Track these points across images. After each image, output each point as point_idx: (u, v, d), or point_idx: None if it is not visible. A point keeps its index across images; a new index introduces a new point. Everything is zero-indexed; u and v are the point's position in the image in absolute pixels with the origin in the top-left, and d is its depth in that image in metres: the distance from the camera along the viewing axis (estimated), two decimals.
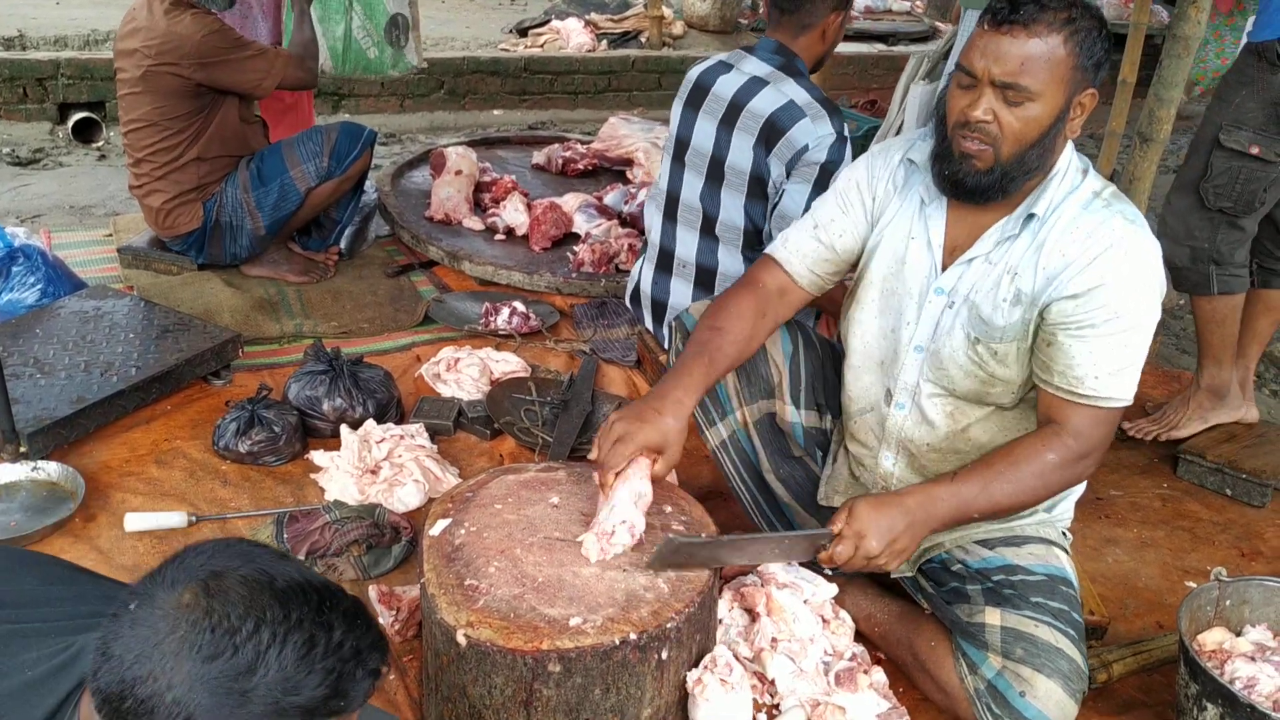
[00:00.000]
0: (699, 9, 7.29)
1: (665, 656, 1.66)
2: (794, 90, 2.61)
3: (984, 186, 1.76)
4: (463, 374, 2.93)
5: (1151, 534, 2.60)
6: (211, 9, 3.20)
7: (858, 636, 2.02)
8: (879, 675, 1.91)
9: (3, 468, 2.39)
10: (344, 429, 2.56)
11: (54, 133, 5.17)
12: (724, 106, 2.70)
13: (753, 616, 1.94)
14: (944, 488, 1.79)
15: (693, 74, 2.83)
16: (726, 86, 2.71)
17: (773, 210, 2.67)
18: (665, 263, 2.95)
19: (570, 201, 3.99)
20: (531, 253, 3.75)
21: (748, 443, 2.18)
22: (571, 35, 6.62)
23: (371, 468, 2.48)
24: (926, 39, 7.50)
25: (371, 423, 2.61)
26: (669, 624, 1.63)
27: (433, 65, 5.90)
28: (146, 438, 2.62)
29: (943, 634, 1.92)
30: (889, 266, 1.94)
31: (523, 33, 6.83)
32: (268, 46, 3.29)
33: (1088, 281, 1.73)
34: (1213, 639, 2.00)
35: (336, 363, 2.72)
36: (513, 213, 3.88)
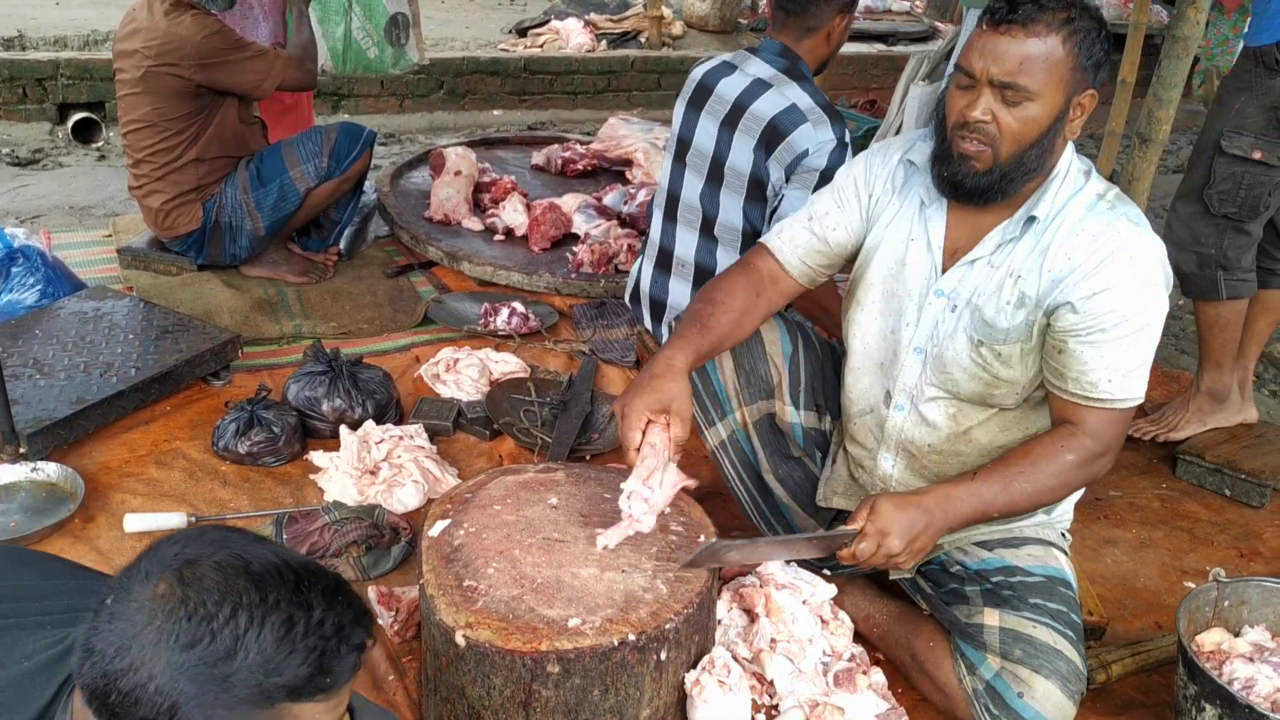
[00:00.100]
0: (698, 9, 7.28)
1: (664, 657, 1.66)
2: (797, 94, 2.61)
3: (983, 187, 1.76)
4: (462, 374, 2.93)
5: (1150, 534, 2.60)
6: (212, 10, 3.20)
7: (856, 637, 2.02)
8: (878, 676, 1.92)
9: (2, 468, 2.39)
10: (343, 430, 2.57)
11: (54, 133, 5.17)
12: (727, 108, 2.70)
13: (752, 617, 1.94)
14: (963, 487, 1.78)
15: (696, 73, 2.83)
16: (730, 88, 2.71)
17: (772, 214, 2.67)
18: (664, 261, 2.96)
19: (569, 202, 3.99)
20: (531, 253, 3.75)
21: (747, 443, 2.18)
22: (571, 35, 6.62)
23: (371, 468, 2.48)
24: (926, 39, 7.51)
25: (371, 423, 2.61)
26: (667, 625, 1.64)
27: (432, 65, 5.90)
28: (146, 438, 2.62)
29: (941, 635, 1.93)
30: (889, 268, 1.94)
31: (522, 33, 6.83)
32: (267, 48, 3.29)
33: (1094, 286, 1.72)
34: (1211, 640, 2.00)
35: (336, 363, 2.72)
36: (512, 213, 3.88)
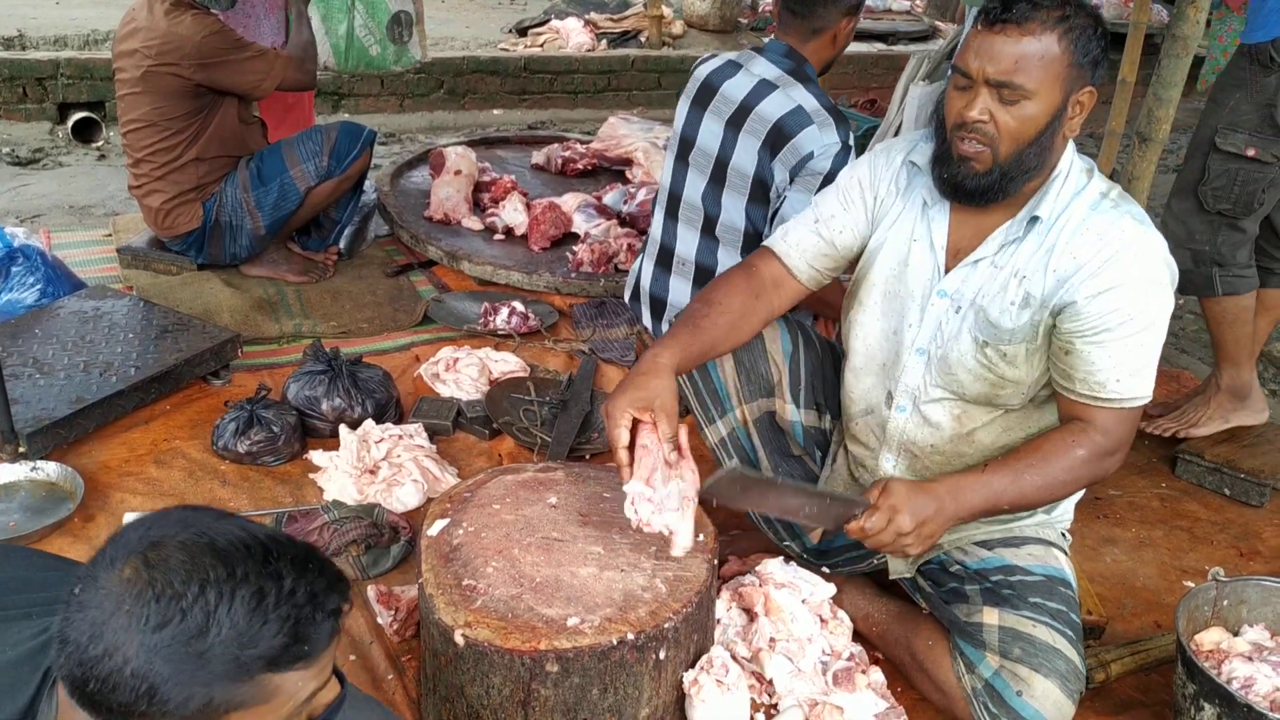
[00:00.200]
0: (699, 8, 7.28)
1: (663, 656, 1.66)
2: (802, 96, 2.60)
3: (983, 188, 1.76)
4: (461, 374, 2.93)
5: (1150, 534, 2.60)
6: (213, 9, 3.20)
7: (856, 636, 2.02)
8: (877, 675, 1.92)
9: (2, 468, 2.39)
10: (343, 429, 2.57)
11: (54, 133, 5.17)
12: (732, 108, 2.69)
13: (751, 616, 1.94)
14: (973, 478, 1.78)
15: (701, 72, 2.82)
16: (736, 88, 2.70)
17: (773, 216, 2.67)
18: (665, 260, 2.95)
19: (569, 201, 3.99)
20: (530, 253, 3.75)
21: (747, 441, 2.17)
22: (571, 35, 6.62)
23: (370, 468, 2.48)
24: (926, 38, 7.50)
25: (370, 423, 2.61)
26: (666, 624, 1.64)
27: (432, 65, 5.90)
28: (145, 438, 2.62)
29: (940, 633, 1.93)
30: (891, 269, 1.93)
31: (522, 32, 6.83)
32: (267, 48, 3.28)
33: (1100, 285, 1.72)
34: (1210, 639, 2.00)
35: (335, 363, 2.72)
36: (512, 212, 3.88)
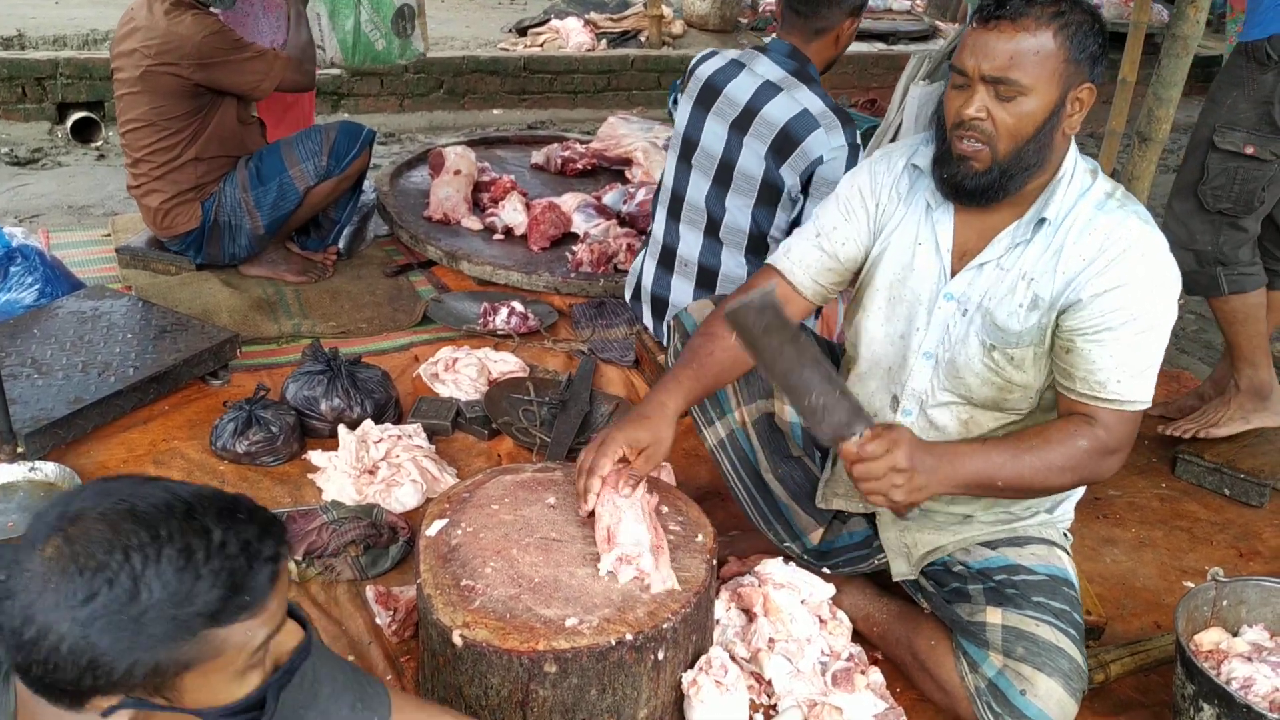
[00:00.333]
0: (699, 8, 7.27)
1: (661, 657, 1.66)
2: (808, 98, 2.59)
3: (984, 187, 1.75)
4: (461, 374, 2.93)
5: (1149, 534, 2.60)
6: (213, 9, 3.20)
7: (855, 637, 2.02)
8: (876, 675, 1.92)
9: (0, 468, 2.39)
10: (342, 429, 2.56)
11: (53, 132, 5.17)
12: (737, 110, 2.68)
13: (750, 617, 1.94)
14: (973, 448, 1.77)
15: (703, 71, 2.79)
16: (740, 90, 2.68)
17: (792, 226, 2.67)
18: (667, 260, 2.94)
19: (569, 201, 3.99)
20: (530, 252, 3.75)
21: (746, 442, 2.17)
22: (571, 34, 6.61)
23: (369, 468, 2.48)
24: (926, 38, 7.49)
25: (369, 423, 2.61)
26: (665, 624, 1.64)
27: (432, 64, 5.89)
28: (144, 438, 2.62)
29: (942, 633, 1.92)
30: (895, 273, 1.92)
31: (522, 32, 6.82)
32: (267, 49, 3.28)
33: (1105, 283, 1.72)
34: (1210, 639, 2.00)
35: (334, 363, 2.72)
36: (511, 212, 3.88)
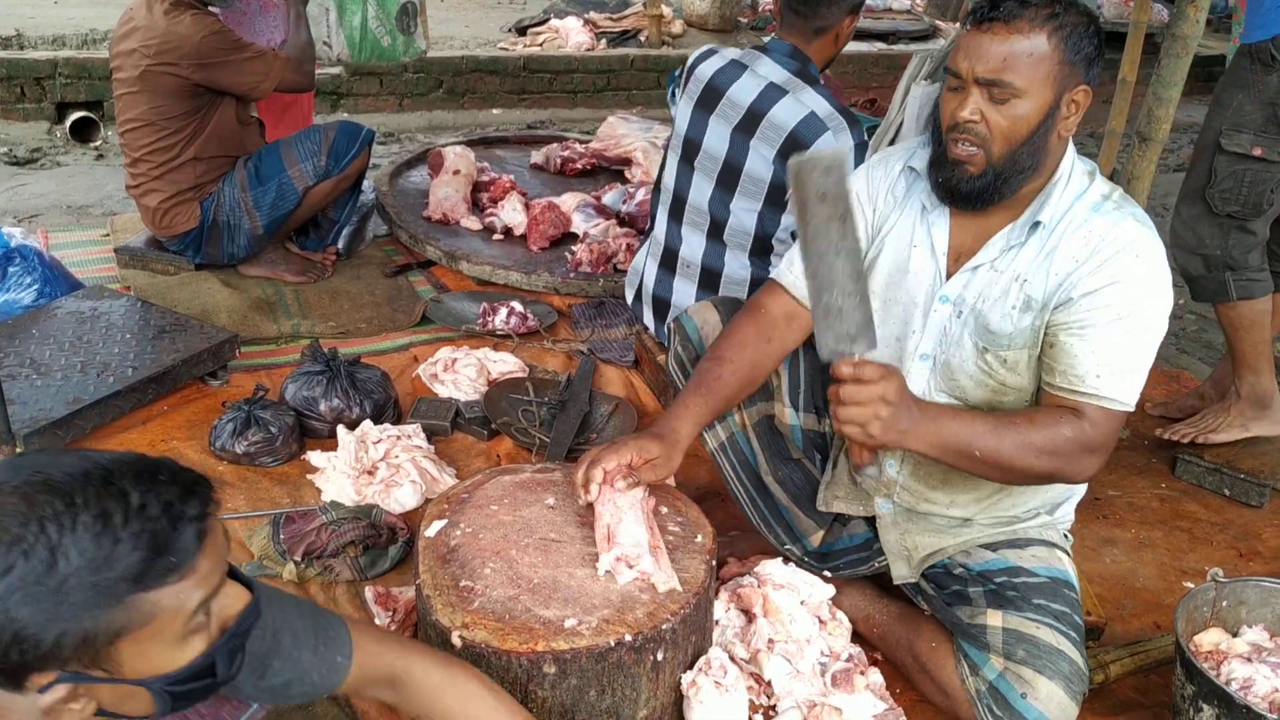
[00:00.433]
0: (698, 8, 7.27)
1: (660, 658, 1.66)
2: (814, 100, 2.58)
3: (978, 191, 1.75)
4: (460, 374, 2.93)
5: (1149, 534, 2.60)
6: (213, 8, 3.20)
7: (855, 637, 2.02)
8: (875, 676, 1.92)
9: None
10: (341, 429, 2.56)
11: (51, 132, 5.17)
12: (740, 113, 2.66)
13: (749, 617, 1.94)
14: (957, 412, 1.74)
15: (704, 71, 2.76)
16: (743, 92, 2.66)
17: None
18: (669, 262, 2.93)
19: (568, 201, 3.99)
20: (529, 253, 3.75)
21: (746, 445, 2.17)
22: (570, 34, 6.61)
23: (368, 468, 2.47)
24: (926, 38, 7.49)
25: (368, 423, 2.61)
26: (664, 625, 1.63)
27: (431, 64, 5.89)
28: (143, 438, 2.62)
29: (943, 635, 1.92)
30: (890, 275, 1.92)
31: (522, 31, 6.82)
32: (266, 49, 3.28)
33: (1097, 282, 1.71)
34: (1209, 640, 2.00)
35: (334, 363, 2.72)
36: (511, 212, 3.88)
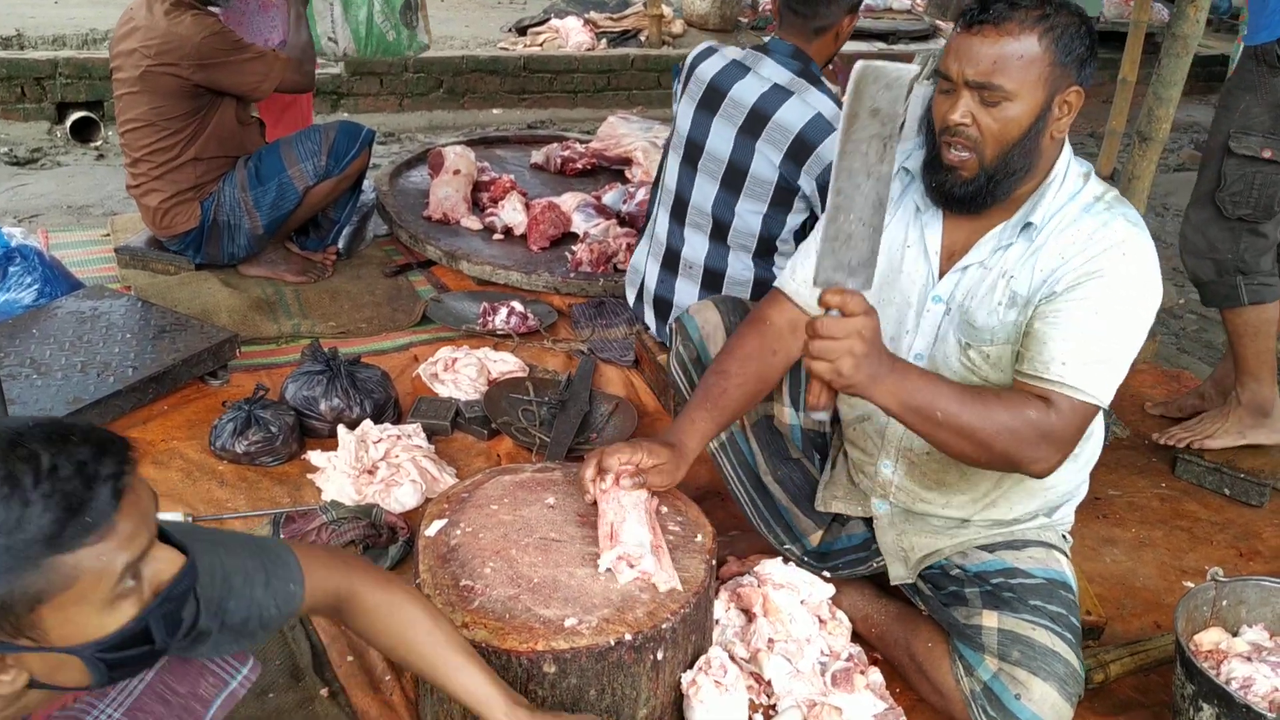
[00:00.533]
0: (699, 7, 7.27)
1: (660, 657, 1.66)
2: (819, 101, 2.58)
3: (971, 194, 1.75)
4: (460, 374, 2.93)
5: (1149, 534, 2.60)
6: (213, 8, 3.20)
7: (854, 637, 2.02)
8: (875, 676, 1.92)
9: None
10: (341, 429, 2.56)
11: (52, 132, 5.16)
12: (744, 114, 2.65)
13: (749, 617, 1.94)
14: (922, 371, 1.71)
15: (705, 71, 2.74)
16: (745, 92, 2.65)
17: (799, 229, 2.67)
18: (671, 262, 2.92)
19: (568, 201, 3.99)
20: (530, 252, 3.75)
21: (745, 445, 2.17)
22: (571, 34, 6.61)
23: (368, 468, 2.48)
24: (926, 38, 7.49)
25: (369, 423, 2.61)
26: (664, 625, 1.63)
27: (432, 64, 5.90)
28: (143, 438, 2.61)
29: (940, 636, 1.92)
30: (884, 275, 1.91)
31: (522, 31, 6.82)
32: (266, 50, 3.28)
33: (1081, 275, 1.70)
34: (1209, 639, 2.00)
35: (334, 363, 2.72)
36: (511, 212, 3.88)
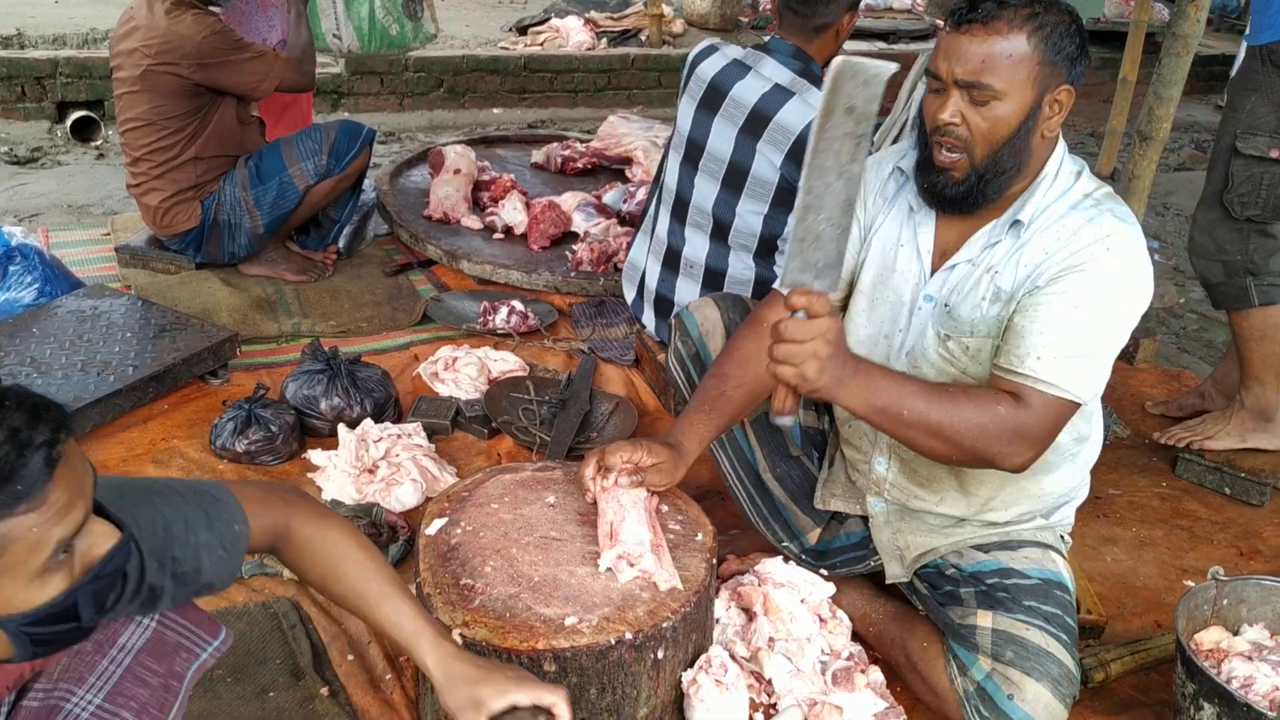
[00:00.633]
0: (699, 7, 7.26)
1: (661, 656, 1.66)
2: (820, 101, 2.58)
3: (962, 195, 1.75)
4: (460, 373, 2.93)
5: (1150, 533, 2.60)
6: (214, 7, 3.20)
7: (854, 636, 2.02)
8: (876, 674, 1.92)
9: None
10: (341, 428, 2.56)
11: (52, 131, 5.17)
12: (745, 114, 2.64)
13: (750, 616, 1.94)
14: (889, 374, 1.70)
15: (705, 71, 2.74)
16: (746, 92, 2.64)
17: None
18: (672, 261, 2.92)
19: (569, 200, 3.99)
20: (530, 252, 3.75)
21: (745, 441, 2.17)
22: (571, 33, 6.61)
23: (369, 467, 2.48)
24: (926, 37, 7.48)
25: (369, 422, 2.61)
26: (665, 624, 1.63)
27: (432, 63, 5.90)
28: (144, 437, 2.62)
29: (936, 635, 1.92)
30: (876, 274, 1.92)
31: (522, 31, 6.82)
32: (267, 49, 3.28)
33: (1064, 269, 1.69)
34: (1210, 638, 2.00)
35: (334, 362, 2.72)
36: (511, 211, 3.88)
